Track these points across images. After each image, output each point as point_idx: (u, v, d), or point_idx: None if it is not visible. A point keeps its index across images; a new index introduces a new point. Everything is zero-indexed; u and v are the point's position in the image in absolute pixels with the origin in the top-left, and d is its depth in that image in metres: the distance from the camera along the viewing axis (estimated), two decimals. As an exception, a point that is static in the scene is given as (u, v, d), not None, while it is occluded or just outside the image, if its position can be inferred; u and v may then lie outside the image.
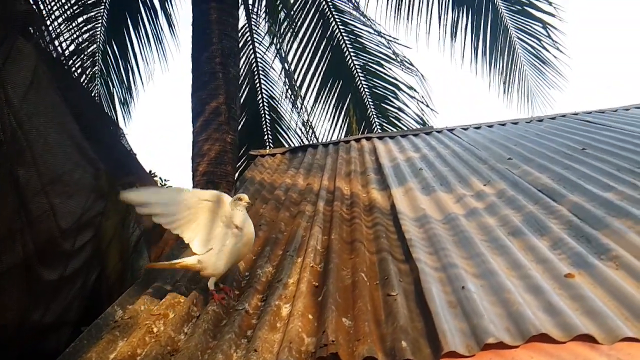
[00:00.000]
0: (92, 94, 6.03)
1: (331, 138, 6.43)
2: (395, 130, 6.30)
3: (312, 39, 6.44)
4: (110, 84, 6.12)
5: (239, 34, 6.10)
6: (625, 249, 1.93)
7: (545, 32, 6.14)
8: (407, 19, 6.07)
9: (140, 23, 5.99)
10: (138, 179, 3.01)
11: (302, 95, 6.30)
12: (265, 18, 6.63)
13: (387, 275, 2.02)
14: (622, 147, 3.29)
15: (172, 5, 6.14)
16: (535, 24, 6.19)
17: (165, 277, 2.27)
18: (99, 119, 3.02)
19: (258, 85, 6.58)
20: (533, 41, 6.26)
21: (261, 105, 6.61)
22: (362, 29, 6.30)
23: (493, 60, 6.20)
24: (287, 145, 6.56)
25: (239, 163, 5.99)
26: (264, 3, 6.65)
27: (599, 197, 2.45)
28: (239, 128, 6.17)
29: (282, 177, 3.76)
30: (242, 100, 6.32)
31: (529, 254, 2.06)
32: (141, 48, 6.06)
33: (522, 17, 6.24)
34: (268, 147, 6.50)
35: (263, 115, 6.61)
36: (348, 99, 6.38)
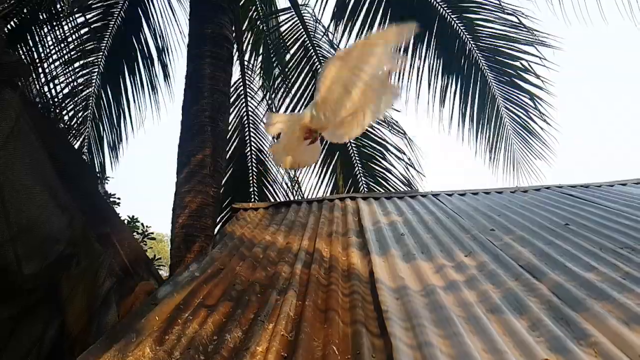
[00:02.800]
0: (82, 137, 6.04)
1: (317, 194, 6.42)
2: (381, 190, 6.32)
3: (304, 96, 6.57)
4: (101, 127, 6.13)
5: (232, 88, 6.24)
6: (605, 335, 1.88)
7: (533, 103, 6.31)
8: (398, 82, 6.24)
9: (137, 71, 6.09)
10: (113, 228, 2.94)
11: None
12: (259, 73, 6.79)
13: (359, 349, 1.93)
14: (604, 225, 3.29)
15: (168, 56, 6.29)
16: (523, 95, 6.37)
17: (131, 335, 2.16)
18: (79, 166, 2.98)
19: (248, 138, 6.64)
20: (520, 112, 6.42)
21: (249, 157, 6.63)
22: (353, 90, 6.42)
23: (480, 128, 6.33)
24: (272, 199, 6.53)
25: (222, 214, 5.92)
26: (259, 59, 6.83)
27: (579, 277, 2.41)
28: (225, 179, 6.17)
29: (263, 233, 3.70)
30: (230, 152, 6.35)
31: (507, 335, 1.99)
32: (135, 95, 6.14)
33: (510, 88, 6.43)
34: (253, 200, 6.45)
35: (250, 167, 6.61)
36: (336, 156, 6.43)
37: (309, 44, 6.54)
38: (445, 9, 6.19)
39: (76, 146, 5.79)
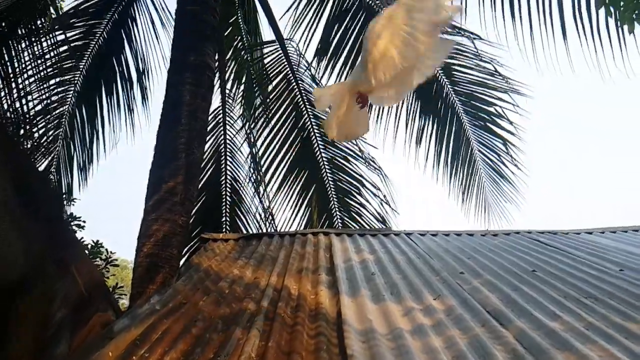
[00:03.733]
0: (51, 156, 5.88)
1: (291, 227, 6.37)
2: (355, 225, 6.31)
3: (284, 128, 6.60)
4: (72, 147, 5.99)
5: (211, 116, 6.21)
6: (569, 389, 1.86)
7: (505, 148, 6.46)
8: (376, 121, 6.35)
9: (115, 92, 6.02)
10: (72, 255, 2.82)
11: (267, 181, 6.32)
12: (240, 102, 6.80)
13: (321, 396, 1.86)
14: (570, 273, 3.33)
15: (148, 79, 6.26)
16: (496, 140, 6.52)
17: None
18: (42, 191, 2.88)
19: (224, 166, 6.58)
20: (493, 155, 6.56)
21: (224, 186, 6.56)
22: (332, 124, 6.48)
23: (454, 169, 6.44)
24: (245, 230, 6.43)
25: (191, 244, 5.79)
26: (241, 88, 6.85)
27: (544, 326, 2.40)
28: (197, 207, 6.07)
29: (231, 266, 3.61)
30: (205, 179, 6.27)
31: (472, 386, 1.95)
32: (110, 116, 6.05)
33: (484, 132, 6.58)
34: (225, 230, 6.35)
35: (224, 196, 6.53)
36: (312, 190, 6.42)
37: (292, 77, 6.61)
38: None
39: (44, 165, 5.63)
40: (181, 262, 4.18)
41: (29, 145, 5.27)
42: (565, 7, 4.53)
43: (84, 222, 5.03)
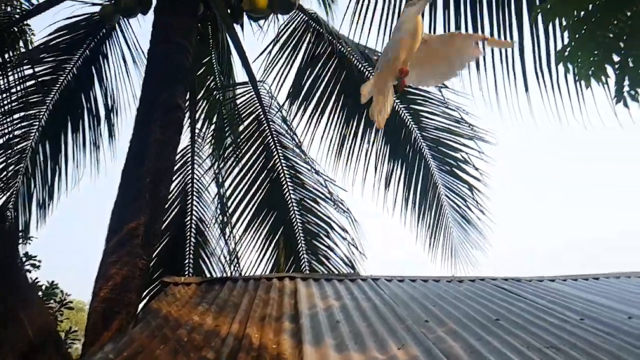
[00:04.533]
0: (10, 192, 5.68)
1: (257, 270, 6.25)
2: (323, 269, 6.26)
3: (254, 168, 6.59)
4: (32, 183, 5.81)
5: (179, 155, 6.16)
6: None
7: (471, 193, 6.61)
8: (346, 164, 6.43)
9: (81, 129, 5.93)
10: (23, 300, 2.68)
11: (233, 223, 6.23)
12: (211, 141, 6.78)
13: None
14: (532, 322, 3.35)
15: (117, 116, 6.20)
16: (462, 185, 6.67)
17: None
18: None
19: (190, 206, 6.48)
20: (459, 200, 6.69)
21: (189, 227, 6.43)
22: (302, 166, 6.55)
23: (422, 214, 6.52)
24: (209, 273, 6.28)
25: (152, 287, 5.59)
26: (212, 128, 6.85)
27: (507, 379, 2.39)
28: (159, 249, 5.92)
29: (191, 312, 3.49)
30: (169, 219, 6.14)
31: None
32: (75, 152, 5.92)
33: (451, 177, 6.73)
34: (187, 273, 6.18)
35: (189, 238, 6.39)
36: (280, 232, 6.36)
37: (263, 118, 6.66)
38: (394, 98, 6.53)
39: (1, 201, 5.42)
40: (140, 307, 4.02)
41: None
42: (527, 61, 4.78)
43: (40, 261, 4.81)
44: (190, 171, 6.52)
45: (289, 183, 6.54)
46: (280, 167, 6.57)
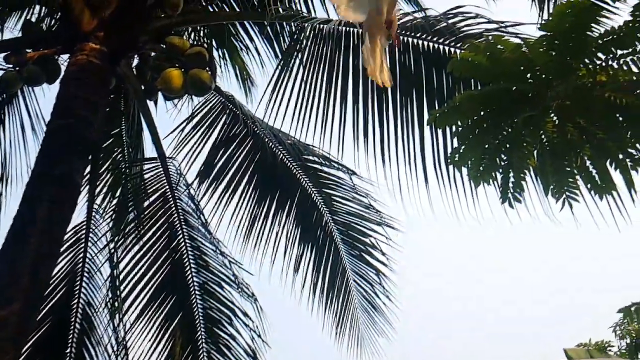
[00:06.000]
0: None
1: (148, 362, 5.65)
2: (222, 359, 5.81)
3: (155, 247, 6.19)
4: None
5: (72, 232, 5.68)
6: None
7: (378, 279, 6.68)
8: (255, 246, 6.27)
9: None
10: None
11: (126, 307, 5.69)
12: (110, 217, 6.34)
13: None
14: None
15: (6, 187, 5.67)
16: (370, 270, 6.74)
17: None
18: None
19: (78, 288, 5.84)
20: (367, 286, 6.73)
21: (74, 312, 5.76)
22: (208, 247, 6.27)
23: (329, 301, 6.43)
24: (92, 363, 5.58)
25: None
26: (114, 202, 6.45)
27: None
28: (38, 336, 5.23)
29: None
30: (52, 303, 5.47)
31: None
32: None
33: (359, 262, 6.80)
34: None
35: (73, 324, 5.69)
36: (177, 319, 5.88)
37: (170, 196, 6.40)
38: (307, 181, 6.64)
39: None
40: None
41: None
42: (427, 156, 5.12)
43: None
44: (82, 250, 5.96)
45: (192, 265, 6.20)
46: (184, 247, 6.24)
